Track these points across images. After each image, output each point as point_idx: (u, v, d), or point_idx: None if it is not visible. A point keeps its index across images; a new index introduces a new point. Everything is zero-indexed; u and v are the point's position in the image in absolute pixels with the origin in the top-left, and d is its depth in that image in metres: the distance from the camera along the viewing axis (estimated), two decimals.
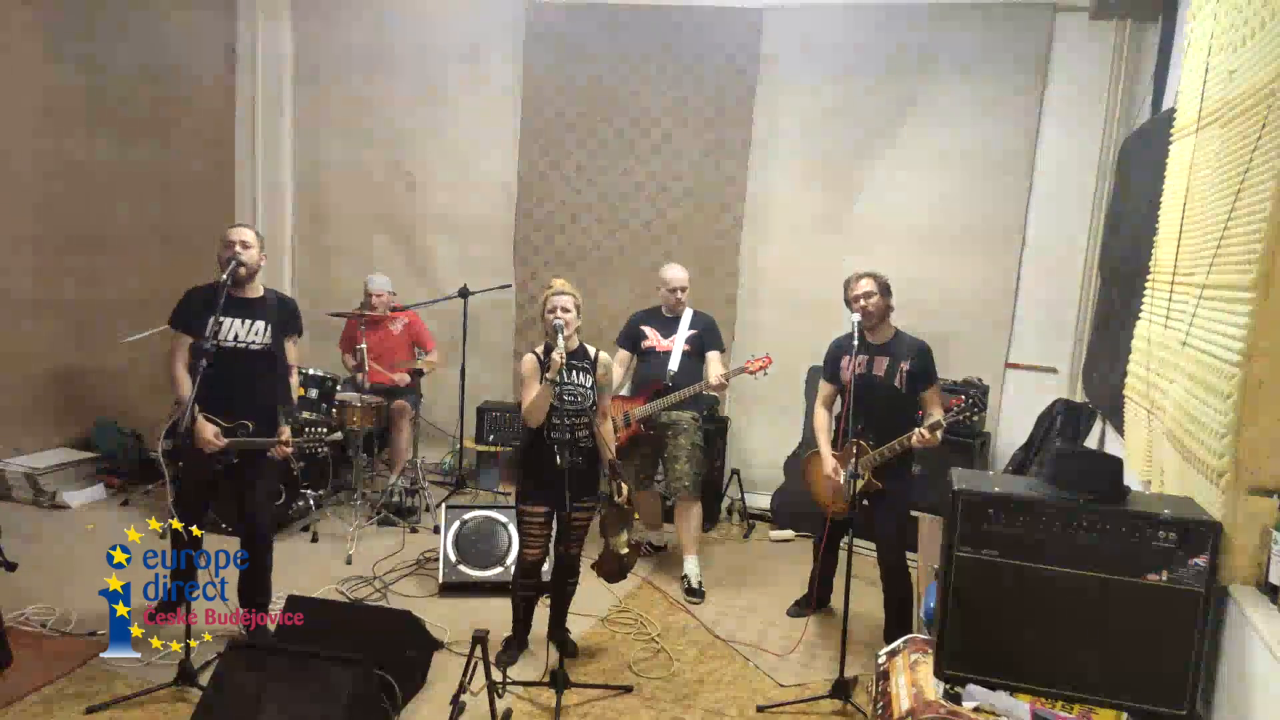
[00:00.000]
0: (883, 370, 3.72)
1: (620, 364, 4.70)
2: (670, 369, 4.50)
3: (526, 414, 3.43)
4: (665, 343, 4.57)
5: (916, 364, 3.71)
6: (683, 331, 4.56)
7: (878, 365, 3.73)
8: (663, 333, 4.60)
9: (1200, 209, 2.71)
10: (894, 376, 3.70)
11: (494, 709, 3.00)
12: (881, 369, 3.72)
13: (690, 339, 4.55)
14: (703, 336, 4.56)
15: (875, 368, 3.73)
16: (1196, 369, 2.51)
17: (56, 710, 3.07)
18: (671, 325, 4.60)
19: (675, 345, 4.55)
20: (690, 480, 4.45)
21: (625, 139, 5.81)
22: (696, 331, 4.56)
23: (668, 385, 4.48)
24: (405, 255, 6.32)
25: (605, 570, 3.66)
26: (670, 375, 4.49)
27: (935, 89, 5.30)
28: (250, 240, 3.55)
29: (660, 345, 4.58)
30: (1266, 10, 2.28)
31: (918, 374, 3.70)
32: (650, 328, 4.64)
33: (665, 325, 4.61)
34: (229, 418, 3.50)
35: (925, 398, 3.72)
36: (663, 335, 4.60)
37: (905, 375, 3.70)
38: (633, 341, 4.67)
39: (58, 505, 5.05)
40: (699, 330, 4.57)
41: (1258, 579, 2.17)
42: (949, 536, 2.46)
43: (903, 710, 2.49)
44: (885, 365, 3.72)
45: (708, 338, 4.57)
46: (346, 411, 5.04)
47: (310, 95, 6.37)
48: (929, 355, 3.75)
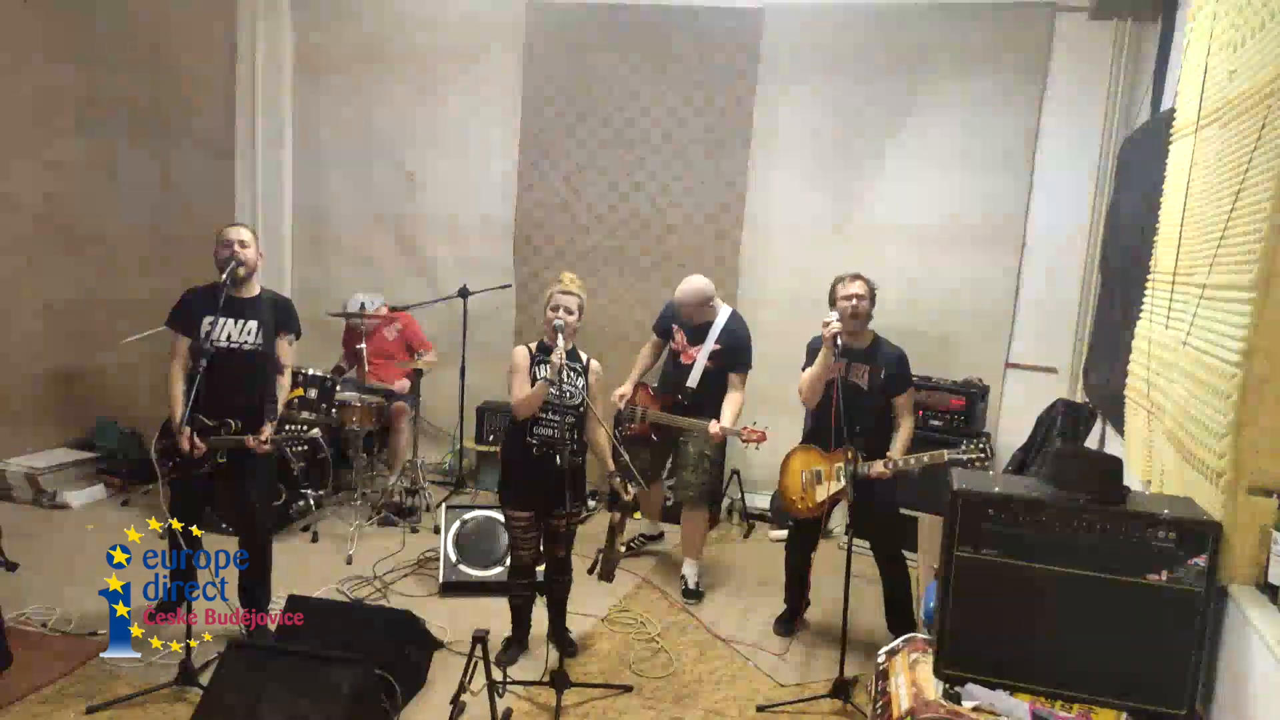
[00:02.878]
0: (861, 376, 3.75)
1: (653, 347, 4.69)
2: (689, 386, 4.41)
3: (517, 407, 3.44)
4: (691, 350, 4.45)
5: (894, 371, 3.78)
6: (708, 345, 4.39)
7: (856, 371, 3.76)
8: (690, 338, 4.47)
9: (1200, 209, 2.71)
10: (873, 383, 3.75)
11: (494, 709, 3.00)
12: (859, 375, 3.75)
13: (714, 354, 4.38)
14: (725, 354, 4.38)
15: (853, 373, 3.75)
16: (1196, 369, 2.51)
17: (56, 710, 3.07)
18: (700, 333, 4.43)
19: (699, 358, 4.41)
20: (696, 490, 4.40)
21: (625, 139, 5.81)
22: (720, 348, 4.38)
23: (682, 402, 4.43)
24: (405, 255, 6.31)
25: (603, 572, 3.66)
26: (689, 393, 4.41)
27: (935, 88, 5.29)
28: (248, 239, 3.56)
29: (686, 353, 4.47)
30: (1266, 10, 2.28)
31: (895, 380, 3.78)
32: (680, 328, 4.52)
33: (694, 332, 4.46)
34: (217, 418, 3.50)
35: (899, 403, 3.80)
36: (689, 342, 4.47)
37: (883, 382, 3.76)
38: (664, 333, 4.62)
39: (58, 505, 5.06)
40: (723, 346, 4.38)
41: (1257, 579, 2.17)
42: (949, 536, 2.46)
43: (902, 710, 2.49)
44: (865, 372, 3.75)
45: (732, 356, 4.38)
46: (346, 411, 5.04)
47: (310, 95, 6.37)
48: (906, 363, 3.84)
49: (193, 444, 3.38)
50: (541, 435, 3.42)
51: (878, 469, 3.60)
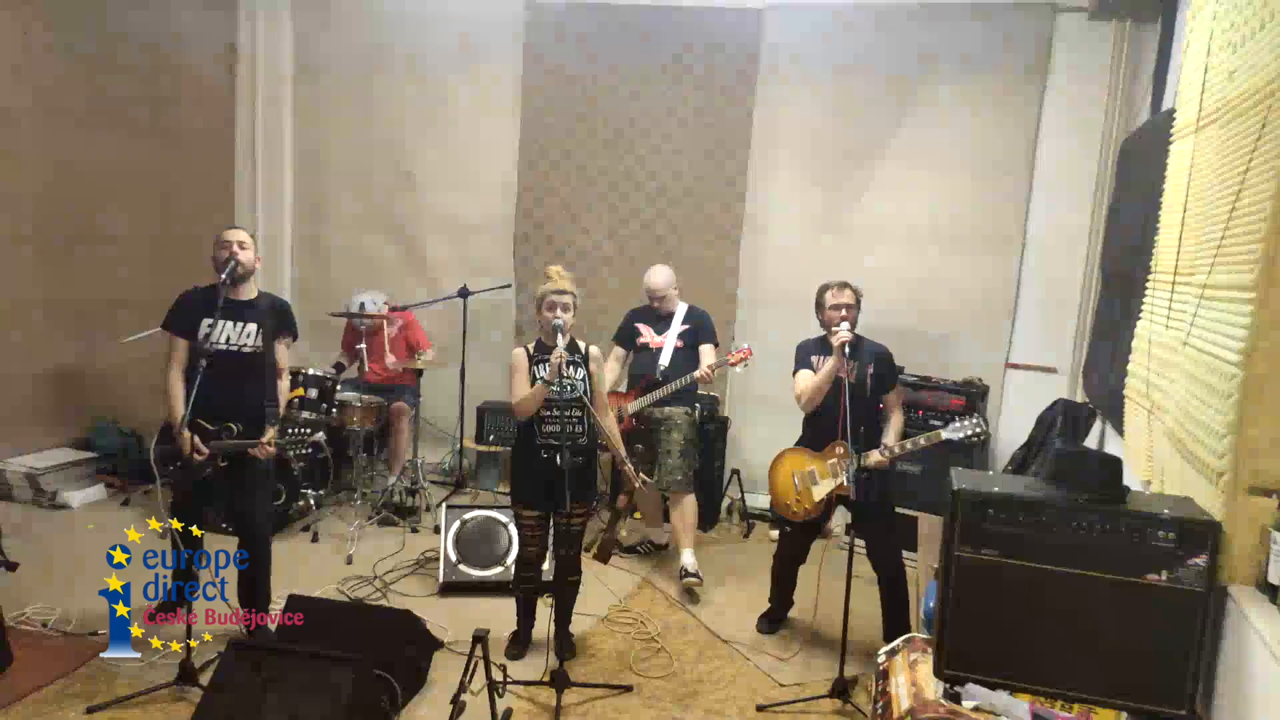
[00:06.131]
0: (849, 373, 3.74)
1: (617, 360, 4.78)
2: (661, 364, 4.58)
3: (517, 407, 3.45)
4: (658, 339, 4.66)
5: (880, 368, 3.81)
6: (675, 327, 4.65)
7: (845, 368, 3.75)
8: (656, 329, 4.70)
9: (1200, 209, 2.71)
10: (861, 378, 3.76)
11: (494, 709, 3.01)
12: (848, 373, 3.74)
13: (683, 334, 4.64)
14: (696, 331, 4.64)
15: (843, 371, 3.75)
16: (1197, 369, 2.51)
17: (56, 710, 3.07)
18: (665, 322, 4.69)
19: (667, 341, 4.64)
20: (682, 474, 4.50)
21: (625, 139, 5.81)
22: (689, 326, 4.65)
23: (658, 380, 4.54)
24: (405, 255, 6.32)
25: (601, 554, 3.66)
26: (661, 370, 4.56)
27: (935, 89, 5.30)
28: (246, 241, 3.56)
29: (654, 342, 4.67)
30: (1266, 10, 2.28)
31: (881, 378, 3.81)
32: (644, 324, 4.73)
33: (658, 322, 4.71)
34: (216, 421, 3.50)
35: (888, 400, 3.84)
36: (656, 332, 4.69)
37: (871, 379, 3.77)
38: (628, 338, 4.76)
39: (58, 505, 5.05)
40: (691, 325, 4.65)
41: (1257, 579, 2.17)
42: (949, 536, 2.46)
43: (903, 710, 2.49)
44: (852, 369, 3.76)
45: (701, 332, 4.64)
46: (346, 411, 5.04)
47: (310, 95, 6.37)
48: (890, 359, 3.88)
49: (194, 448, 3.38)
50: (549, 432, 3.42)
51: (874, 458, 3.61)
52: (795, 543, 4.00)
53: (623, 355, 4.83)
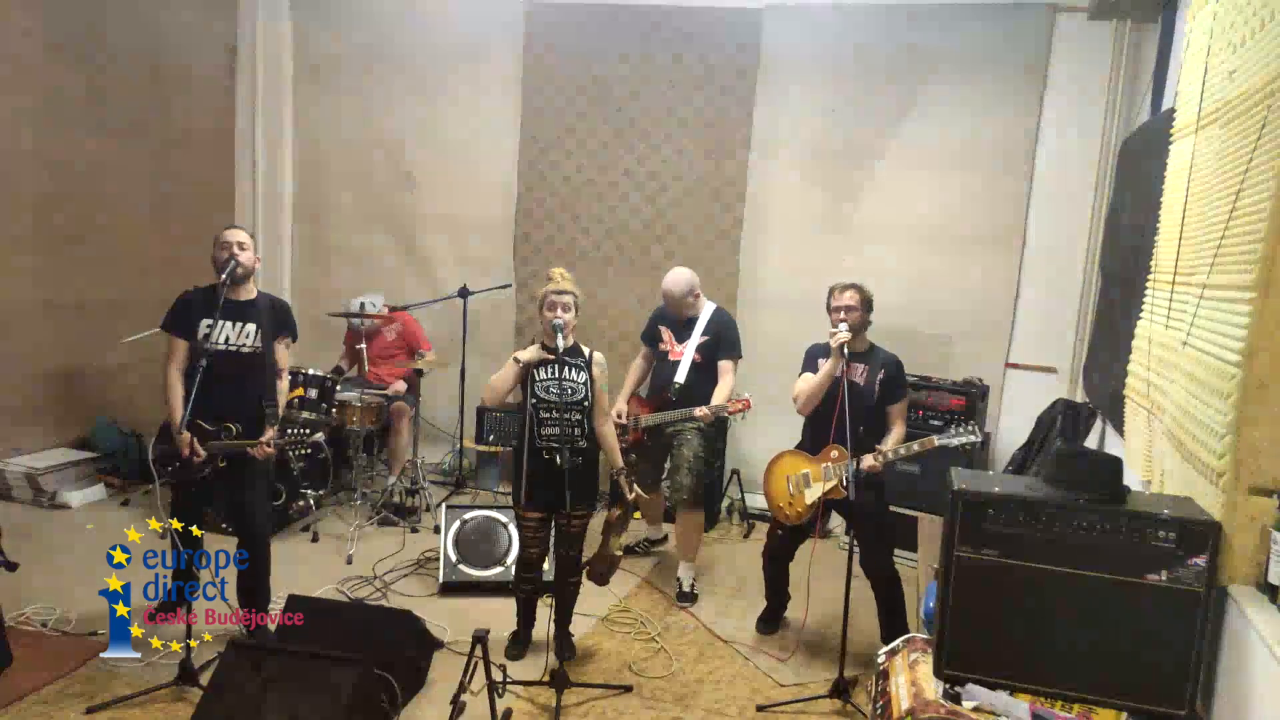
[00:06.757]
0: (858, 376, 3.73)
1: (645, 359, 4.68)
2: (677, 381, 4.41)
3: (487, 388, 3.47)
4: (678, 348, 4.48)
5: (890, 375, 3.77)
6: (695, 338, 4.44)
7: (853, 370, 3.73)
8: (677, 335, 4.51)
9: (1200, 209, 2.71)
10: (870, 384, 3.74)
11: (494, 709, 3.00)
12: (857, 375, 3.74)
13: (701, 346, 4.43)
14: (715, 344, 4.43)
15: (851, 373, 3.73)
16: (1197, 369, 2.51)
17: (56, 710, 3.07)
18: (686, 328, 4.48)
19: (686, 352, 4.45)
20: (689, 492, 4.37)
21: (625, 139, 5.81)
22: (709, 338, 4.44)
23: (671, 399, 4.42)
24: (405, 255, 6.32)
25: (595, 572, 3.65)
26: (676, 389, 4.41)
27: (935, 89, 5.30)
28: (246, 241, 3.57)
29: (673, 351, 4.50)
30: (1266, 10, 2.28)
31: (890, 386, 3.76)
32: (666, 327, 4.55)
33: (681, 328, 4.51)
34: (216, 421, 3.50)
35: (891, 411, 3.79)
36: (677, 338, 4.51)
37: (880, 385, 3.75)
38: (652, 339, 4.63)
39: (58, 505, 5.05)
40: (711, 336, 4.44)
41: (1257, 579, 2.17)
42: (949, 536, 2.46)
43: (902, 710, 2.49)
44: (863, 373, 3.75)
45: (720, 345, 4.43)
46: (346, 411, 5.04)
47: (310, 95, 6.38)
48: (901, 369, 3.83)
49: (193, 449, 3.38)
50: (549, 435, 3.42)
51: (868, 461, 3.59)
52: (782, 542, 3.98)
53: (650, 355, 4.67)
